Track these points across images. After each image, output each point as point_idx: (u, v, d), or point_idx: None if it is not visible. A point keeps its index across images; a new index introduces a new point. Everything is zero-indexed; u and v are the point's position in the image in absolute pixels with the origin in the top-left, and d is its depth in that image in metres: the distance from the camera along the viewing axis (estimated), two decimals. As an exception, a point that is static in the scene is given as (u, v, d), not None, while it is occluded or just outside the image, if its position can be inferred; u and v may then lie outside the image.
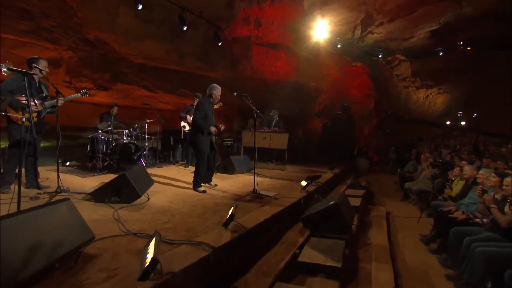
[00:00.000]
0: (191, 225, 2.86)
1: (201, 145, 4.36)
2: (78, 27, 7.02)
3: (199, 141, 4.36)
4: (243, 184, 5.11)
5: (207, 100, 4.50)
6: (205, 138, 4.38)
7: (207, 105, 4.43)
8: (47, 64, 3.70)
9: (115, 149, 5.61)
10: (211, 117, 4.47)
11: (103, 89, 7.82)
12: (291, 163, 8.54)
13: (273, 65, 11.23)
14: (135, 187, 3.54)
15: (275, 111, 8.02)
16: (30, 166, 3.96)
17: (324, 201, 4.13)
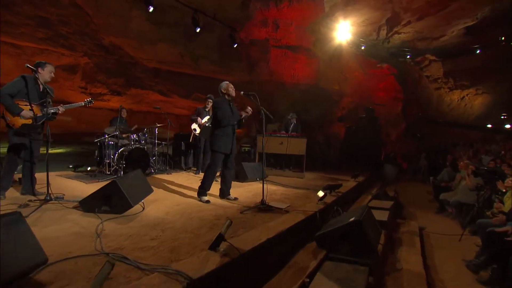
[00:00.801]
0: (179, 244, 2.38)
1: (217, 146, 3.83)
2: (94, 33, 6.97)
3: (214, 140, 3.87)
4: (254, 194, 4.57)
5: (221, 98, 4.00)
6: (222, 139, 3.85)
7: (224, 105, 3.91)
8: (53, 69, 3.51)
9: (122, 154, 5.33)
10: (231, 116, 3.91)
11: (117, 94, 7.72)
12: (310, 170, 7.88)
13: (292, 68, 10.69)
14: (126, 196, 3.14)
15: (293, 115, 7.45)
16: (26, 171, 3.75)
17: (344, 216, 3.49)
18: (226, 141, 3.87)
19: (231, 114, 3.94)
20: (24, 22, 6.19)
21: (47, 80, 3.46)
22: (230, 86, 4.00)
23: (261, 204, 3.62)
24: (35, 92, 3.41)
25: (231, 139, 3.93)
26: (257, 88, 10.71)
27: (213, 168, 3.89)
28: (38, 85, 3.44)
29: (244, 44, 9.68)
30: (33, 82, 3.37)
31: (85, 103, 3.83)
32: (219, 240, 2.06)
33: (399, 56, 13.68)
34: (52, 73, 3.50)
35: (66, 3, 6.46)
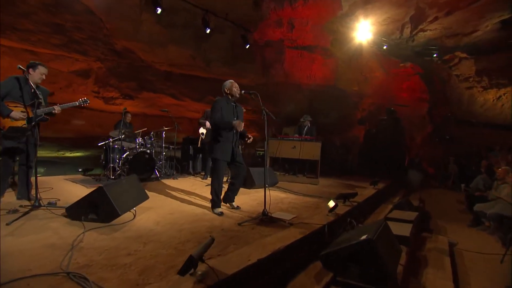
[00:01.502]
0: (154, 262, 2.05)
1: (217, 153, 3.46)
2: (107, 38, 6.96)
3: (215, 148, 3.49)
4: (259, 202, 4.17)
5: (223, 98, 3.58)
6: (222, 145, 3.46)
7: (224, 104, 3.51)
8: (45, 71, 3.35)
9: (127, 158, 5.16)
10: (233, 118, 3.51)
11: (129, 98, 7.67)
12: (326, 176, 7.36)
13: (309, 69, 10.21)
14: (113, 204, 2.88)
15: (306, 117, 6.98)
16: (22, 175, 3.61)
17: (358, 230, 3.01)
18: (227, 147, 3.48)
19: (234, 117, 3.55)
20: (41, 29, 6.28)
21: (37, 81, 3.31)
22: (235, 85, 3.62)
23: (263, 215, 3.22)
24: (27, 93, 3.25)
25: (232, 145, 3.51)
26: (272, 90, 10.34)
27: (216, 179, 3.49)
28: (30, 86, 3.24)
29: (258, 45, 9.37)
30: (24, 83, 3.23)
31: (80, 102, 3.62)
32: (190, 264, 1.69)
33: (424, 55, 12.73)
34: (43, 75, 3.34)
35: (80, 9, 6.48)
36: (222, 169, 3.51)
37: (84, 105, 3.69)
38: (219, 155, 3.46)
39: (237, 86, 3.61)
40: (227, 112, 3.50)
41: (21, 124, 3.26)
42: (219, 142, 3.47)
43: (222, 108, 3.47)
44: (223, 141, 3.47)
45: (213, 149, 3.52)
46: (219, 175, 3.50)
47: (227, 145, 3.49)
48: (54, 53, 6.55)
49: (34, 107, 3.27)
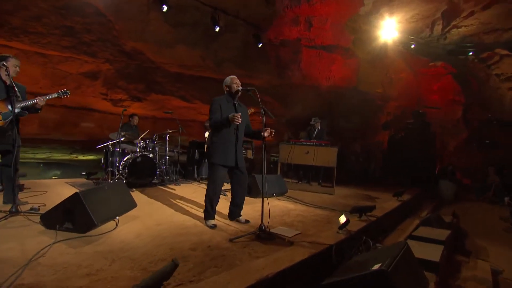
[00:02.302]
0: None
1: (214, 157, 3.09)
2: (116, 40, 6.94)
3: (212, 150, 3.13)
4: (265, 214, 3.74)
5: (222, 97, 3.24)
6: (222, 147, 3.09)
7: (224, 103, 3.17)
8: (17, 63, 3.18)
9: (127, 162, 4.96)
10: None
11: (137, 100, 7.59)
12: (344, 185, 6.79)
13: (328, 69, 9.70)
14: (89, 213, 2.60)
15: (315, 119, 6.50)
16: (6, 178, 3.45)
17: (373, 253, 2.54)
18: (227, 150, 3.09)
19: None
20: (51, 31, 6.35)
21: (12, 75, 3.10)
22: (235, 81, 3.22)
23: (259, 230, 2.80)
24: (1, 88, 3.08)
25: (234, 148, 3.13)
26: (287, 92, 9.93)
27: (212, 187, 3.10)
28: (3, 81, 3.11)
29: (272, 44, 9.03)
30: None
31: (59, 94, 3.39)
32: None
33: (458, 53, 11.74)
34: (17, 67, 3.16)
35: (90, 11, 6.50)
36: (220, 175, 3.14)
37: (64, 96, 3.46)
38: (217, 159, 3.09)
39: (238, 82, 3.24)
40: (227, 113, 3.12)
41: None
42: (218, 143, 3.11)
43: (221, 108, 3.11)
44: (223, 143, 3.10)
45: (211, 152, 3.17)
46: (215, 182, 3.13)
47: (228, 147, 3.11)
48: (64, 55, 6.59)
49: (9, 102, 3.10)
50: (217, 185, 3.12)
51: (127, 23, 6.70)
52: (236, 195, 3.29)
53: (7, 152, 3.30)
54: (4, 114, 3.08)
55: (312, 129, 6.55)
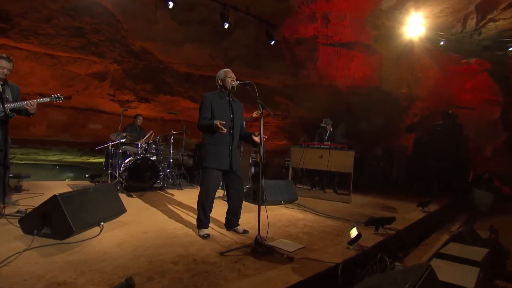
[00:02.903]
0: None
1: (207, 160, 2.83)
2: (124, 40, 6.96)
3: (205, 153, 2.88)
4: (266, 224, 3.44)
5: (214, 93, 2.95)
6: (215, 149, 2.83)
7: (216, 99, 2.89)
8: (6, 65, 3.15)
9: (128, 164, 4.84)
10: (227, 117, 2.85)
11: (144, 101, 7.55)
12: (363, 192, 6.34)
13: (346, 68, 9.27)
14: (68, 218, 2.43)
15: (327, 120, 6.12)
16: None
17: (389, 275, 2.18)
18: (220, 152, 2.84)
19: (230, 114, 2.92)
20: (60, 32, 6.46)
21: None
22: (229, 74, 2.94)
23: (255, 243, 2.50)
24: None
25: (228, 149, 2.87)
26: (303, 92, 9.58)
27: (205, 192, 2.84)
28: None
29: (287, 42, 8.75)
30: None
31: (51, 98, 3.33)
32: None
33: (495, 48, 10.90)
34: (5, 70, 3.14)
35: (99, 11, 6.56)
36: (214, 180, 2.87)
37: (57, 102, 3.40)
38: (210, 162, 2.84)
39: (232, 75, 2.98)
40: (220, 110, 2.88)
41: None
42: (210, 145, 2.86)
43: (212, 106, 2.86)
44: (216, 144, 2.85)
45: (202, 155, 2.93)
46: (208, 187, 2.87)
47: (221, 149, 2.85)
48: (72, 56, 6.68)
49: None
50: (210, 191, 2.86)
51: (135, 22, 6.69)
52: (232, 202, 3.02)
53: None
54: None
55: (323, 131, 6.17)
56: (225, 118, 2.84)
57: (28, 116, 3.33)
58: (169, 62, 7.42)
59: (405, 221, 3.80)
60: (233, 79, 2.94)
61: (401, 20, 9.07)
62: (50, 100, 3.35)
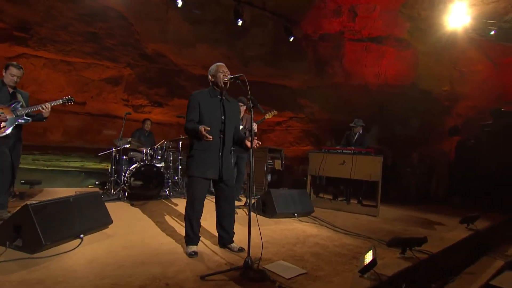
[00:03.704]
0: None
1: (192, 168, 2.55)
2: (137, 43, 7.03)
3: (189, 159, 2.62)
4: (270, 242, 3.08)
5: (205, 91, 2.65)
6: (201, 155, 2.53)
7: (206, 98, 2.59)
8: (15, 72, 3.23)
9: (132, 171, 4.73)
10: (217, 119, 2.56)
11: (158, 105, 7.53)
12: (396, 204, 5.72)
13: (377, 65, 8.63)
14: (38, 230, 2.27)
15: (358, 121, 5.56)
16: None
17: None
18: (208, 159, 2.53)
19: (221, 116, 2.60)
20: (75, 39, 6.66)
21: (9, 83, 3.23)
22: (221, 69, 2.64)
23: (244, 267, 2.14)
24: (4, 94, 3.20)
25: (217, 156, 2.55)
26: (328, 93, 9.06)
27: (191, 205, 2.55)
28: (6, 88, 3.23)
29: (310, 39, 8.35)
30: (1, 85, 3.20)
31: (63, 100, 3.43)
32: None
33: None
34: (15, 77, 3.22)
35: (113, 15, 6.69)
36: (200, 191, 2.56)
37: (69, 104, 3.49)
38: (195, 170, 2.55)
39: (225, 70, 2.67)
40: (209, 111, 2.56)
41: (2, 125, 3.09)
42: (197, 151, 2.57)
43: (200, 106, 2.56)
44: (204, 150, 2.54)
45: (188, 162, 2.65)
46: (194, 199, 2.55)
47: (210, 155, 2.55)
48: (86, 62, 6.85)
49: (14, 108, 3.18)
50: (196, 203, 2.55)
51: (147, 24, 6.72)
52: (223, 215, 2.69)
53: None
54: (10, 119, 3.13)
55: (351, 134, 5.64)
56: (215, 119, 2.55)
57: (41, 120, 3.40)
58: (183, 64, 7.36)
59: (443, 242, 3.20)
60: (226, 74, 2.64)
61: (440, 9, 8.28)
62: (63, 102, 3.45)
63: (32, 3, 6.25)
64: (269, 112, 5.36)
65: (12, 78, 3.20)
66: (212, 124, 2.51)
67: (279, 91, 8.78)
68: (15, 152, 3.21)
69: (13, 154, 3.17)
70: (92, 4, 6.48)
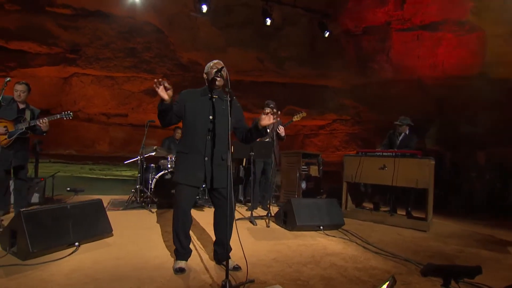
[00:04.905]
0: None
1: (177, 174, 2.34)
2: (173, 54, 7.28)
3: (176, 164, 2.46)
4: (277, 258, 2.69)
5: (200, 89, 2.40)
6: (186, 160, 2.29)
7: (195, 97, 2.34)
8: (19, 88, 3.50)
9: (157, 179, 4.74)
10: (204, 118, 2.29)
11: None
12: (455, 217, 4.75)
13: (433, 54, 7.55)
14: (27, 238, 2.25)
15: (404, 119, 4.74)
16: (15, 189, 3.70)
17: None
18: (193, 164, 2.26)
19: (208, 115, 2.30)
20: (116, 55, 7.16)
21: (17, 99, 3.49)
22: (215, 67, 2.34)
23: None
24: (12, 110, 3.45)
25: (203, 160, 2.25)
26: (374, 92, 8.21)
27: (175, 215, 2.30)
28: (16, 104, 3.49)
29: (350, 34, 7.69)
30: (9, 101, 3.45)
31: (61, 115, 3.51)
32: None
33: None
34: (18, 92, 3.46)
35: (149, 30, 7.05)
36: (185, 199, 2.29)
37: (67, 118, 3.55)
38: (179, 176, 2.30)
39: (218, 66, 2.36)
40: (196, 109, 2.29)
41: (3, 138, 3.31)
42: (183, 154, 2.33)
43: (186, 105, 2.29)
44: (189, 153, 2.28)
45: (175, 169, 2.43)
46: (178, 209, 2.28)
47: (194, 159, 2.26)
48: (127, 75, 7.28)
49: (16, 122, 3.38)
50: (180, 213, 2.28)
51: (180, 34, 6.90)
52: (217, 228, 2.38)
53: (20, 168, 3.53)
54: (10, 132, 3.33)
55: (395, 133, 4.87)
56: (201, 118, 2.28)
57: (42, 134, 3.58)
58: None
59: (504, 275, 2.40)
60: (211, 66, 2.37)
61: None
62: (60, 117, 3.52)
63: (81, 27, 6.89)
64: (297, 114, 4.94)
65: (16, 93, 3.45)
66: (196, 123, 2.26)
67: (319, 92, 8.24)
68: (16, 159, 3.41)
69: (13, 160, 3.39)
70: (131, 21, 6.89)
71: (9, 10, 6.89)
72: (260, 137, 2.39)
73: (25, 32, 6.74)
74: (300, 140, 9.95)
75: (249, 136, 2.39)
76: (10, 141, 3.35)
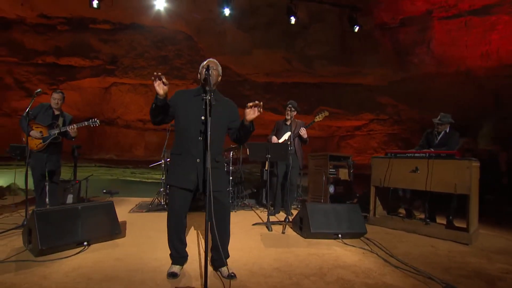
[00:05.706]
0: None
1: (168, 175, 2.36)
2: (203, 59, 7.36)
3: (169, 166, 2.42)
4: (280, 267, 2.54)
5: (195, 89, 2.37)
6: (177, 161, 2.24)
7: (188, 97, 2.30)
8: (56, 96, 3.83)
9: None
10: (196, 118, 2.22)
11: (221, 117, 7.68)
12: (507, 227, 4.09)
13: (483, 42, 6.71)
14: (37, 235, 2.42)
15: (444, 116, 4.19)
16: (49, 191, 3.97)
17: None
18: (184, 166, 2.21)
19: (200, 115, 2.21)
20: (150, 63, 7.55)
21: (54, 106, 3.81)
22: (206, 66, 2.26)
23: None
24: (48, 116, 3.78)
25: (195, 162, 2.18)
26: (415, 88, 7.54)
27: (168, 217, 2.28)
28: (52, 110, 3.82)
29: (385, 27, 7.17)
30: (46, 108, 3.80)
31: (89, 122, 3.79)
32: None
33: None
34: (56, 100, 3.79)
35: (181, 38, 7.33)
36: (179, 202, 2.23)
37: (94, 125, 3.77)
38: (170, 178, 2.27)
39: (212, 65, 2.31)
40: (187, 109, 2.23)
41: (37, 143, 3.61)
42: (174, 155, 2.29)
43: (178, 105, 2.25)
44: (181, 155, 2.23)
45: (168, 171, 2.41)
46: (171, 212, 2.26)
47: (185, 161, 2.20)
48: (159, 83, 7.59)
49: (50, 127, 3.67)
50: (174, 217, 2.24)
51: (208, 39, 7.05)
52: (213, 233, 2.28)
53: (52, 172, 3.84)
54: (44, 137, 3.65)
55: (434, 132, 4.35)
56: (192, 119, 2.22)
57: (71, 139, 3.88)
58: (246, 74, 7.39)
59: None
60: (214, 68, 2.31)
61: None
62: (88, 124, 3.77)
63: (118, 39, 7.40)
64: (319, 114, 4.68)
65: (54, 101, 3.78)
66: (188, 124, 2.20)
67: (353, 91, 7.79)
68: (50, 163, 3.70)
69: (47, 164, 3.67)
70: (163, 30, 7.23)
71: (60, 30, 7.69)
72: (248, 134, 2.26)
73: (72, 49, 7.45)
74: (335, 142, 9.50)
75: (239, 135, 2.29)
76: (44, 145, 3.66)
